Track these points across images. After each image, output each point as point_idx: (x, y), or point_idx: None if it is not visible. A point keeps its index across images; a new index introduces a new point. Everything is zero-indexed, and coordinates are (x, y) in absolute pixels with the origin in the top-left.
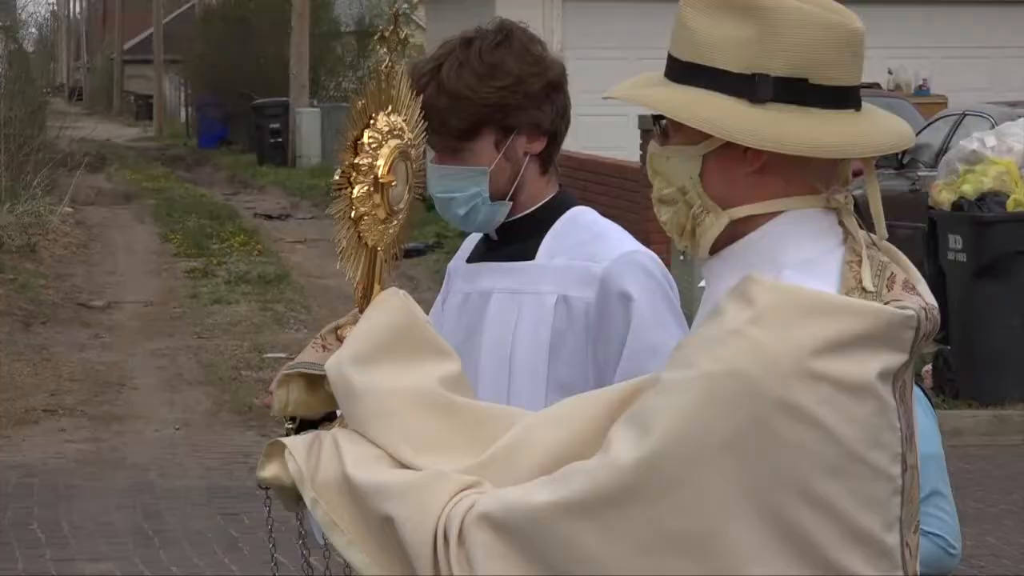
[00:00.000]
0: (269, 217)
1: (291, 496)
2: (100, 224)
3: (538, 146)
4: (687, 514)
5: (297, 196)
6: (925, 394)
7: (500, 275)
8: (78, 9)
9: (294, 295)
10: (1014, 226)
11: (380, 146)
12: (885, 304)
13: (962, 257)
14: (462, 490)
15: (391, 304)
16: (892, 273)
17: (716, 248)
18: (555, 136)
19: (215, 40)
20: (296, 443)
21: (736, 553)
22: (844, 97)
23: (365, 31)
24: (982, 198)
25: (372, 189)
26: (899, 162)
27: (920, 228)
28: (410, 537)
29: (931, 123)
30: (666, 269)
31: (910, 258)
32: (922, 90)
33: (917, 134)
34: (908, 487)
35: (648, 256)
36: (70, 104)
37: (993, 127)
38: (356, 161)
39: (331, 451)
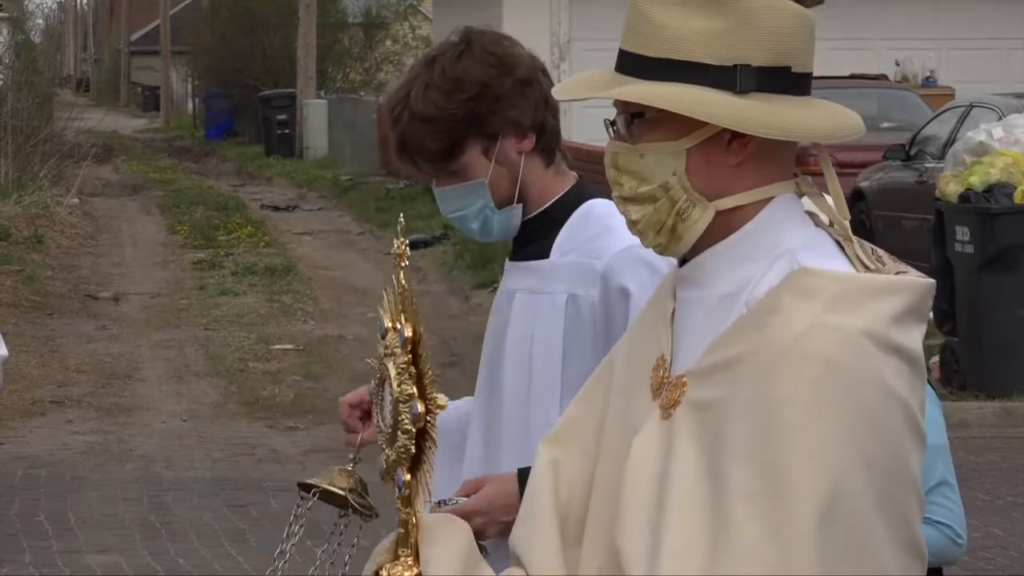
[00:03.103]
0: (276, 208)
1: None
2: (107, 215)
3: (528, 143)
4: (853, 525)
5: (304, 187)
6: (931, 385)
7: (521, 275)
8: (85, 0)
9: (301, 286)
10: (1021, 218)
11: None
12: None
13: (969, 249)
14: None
15: (457, 534)
16: (872, 248)
17: (699, 243)
18: (543, 128)
19: (222, 31)
20: None
21: (879, 550)
22: (809, 84)
23: (372, 22)
24: (989, 190)
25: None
26: (906, 154)
27: (927, 220)
28: None
29: (938, 115)
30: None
31: (917, 249)
32: (929, 81)
33: (924, 126)
34: None
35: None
36: (77, 95)
37: (1000, 118)
38: (432, 402)
39: None
